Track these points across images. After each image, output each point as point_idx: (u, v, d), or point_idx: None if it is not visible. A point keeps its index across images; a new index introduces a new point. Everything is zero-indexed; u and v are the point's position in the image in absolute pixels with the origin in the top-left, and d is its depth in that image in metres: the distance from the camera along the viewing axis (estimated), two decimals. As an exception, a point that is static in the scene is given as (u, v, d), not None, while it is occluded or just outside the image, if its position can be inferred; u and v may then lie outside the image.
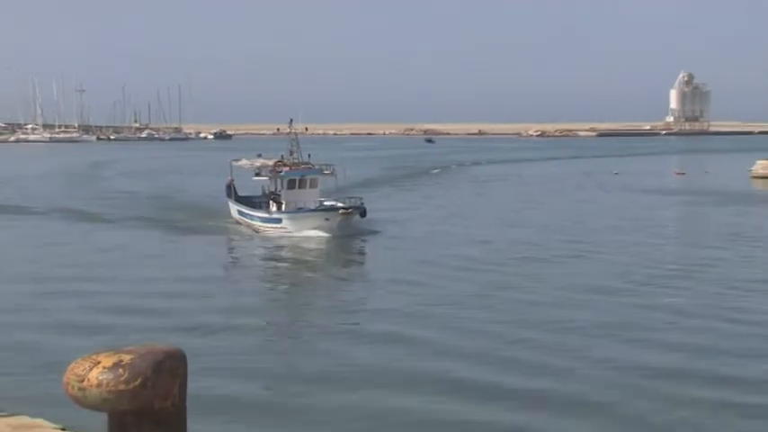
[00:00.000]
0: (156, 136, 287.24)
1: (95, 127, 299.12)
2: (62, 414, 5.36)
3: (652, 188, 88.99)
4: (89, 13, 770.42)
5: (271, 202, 47.28)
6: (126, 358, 5.04)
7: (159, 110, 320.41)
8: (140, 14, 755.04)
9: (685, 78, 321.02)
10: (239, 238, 46.48)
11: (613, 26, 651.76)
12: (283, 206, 45.74)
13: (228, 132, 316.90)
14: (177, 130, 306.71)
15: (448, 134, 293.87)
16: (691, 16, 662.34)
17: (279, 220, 44.90)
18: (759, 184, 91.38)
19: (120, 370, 4.97)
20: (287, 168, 47.84)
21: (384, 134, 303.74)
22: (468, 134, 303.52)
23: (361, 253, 41.59)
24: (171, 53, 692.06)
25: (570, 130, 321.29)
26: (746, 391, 23.33)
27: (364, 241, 43.15)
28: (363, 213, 43.31)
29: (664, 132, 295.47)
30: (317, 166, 49.40)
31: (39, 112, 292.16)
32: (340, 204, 44.04)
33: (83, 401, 4.81)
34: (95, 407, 4.84)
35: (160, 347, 5.58)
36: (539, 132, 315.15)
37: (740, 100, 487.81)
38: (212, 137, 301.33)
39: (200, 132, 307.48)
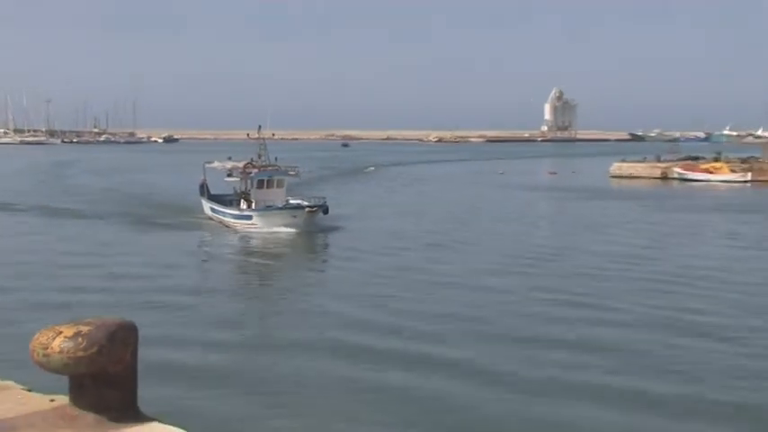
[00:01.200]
0: (113, 140, 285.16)
1: (60, 131, 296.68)
2: (28, 377, 5.28)
3: (530, 185, 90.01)
4: (56, 33, 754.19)
5: (241, 200, 45.90)
6: (84, 329, 5.04)
7: (116, 117, 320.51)
8: (101, 33, 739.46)
9: (557, 94, 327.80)
10: (212, 233, 44.81)
11: (497, 50, 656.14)
12: (253, 204, 44.66)
13: (175, 137, 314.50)
14: (131, 134, 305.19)
15: (361, 139, 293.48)
16: (561, 44, 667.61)
17: (250, 217, 43.81)
18: (615, 182, 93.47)
19: (80, 339, 4.98)
20: (256, 170, 46.62)
21: (308, 139, 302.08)
22: (379, 139, 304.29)
23: (325, 245, 40.68)
24: (127, 68, 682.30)
25: (463, 137, 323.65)
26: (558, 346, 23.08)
27: (326, 236, 42.24)
28: (326, 211, 42.73)
29: (539, 139, 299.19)
30: (282, 168, 48.26)
31: (10, 118, 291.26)
32: (306, 203, 43.20)
33: (47, 366, 4.83)
34: (58, 371, 4.89)
35: (113, 320, 5.55)
36: (437, 138, 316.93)
37: (600, 112, 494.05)
38: (161, 140, 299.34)
39: (150, 137, 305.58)
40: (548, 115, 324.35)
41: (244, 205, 45.03)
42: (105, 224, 49.29)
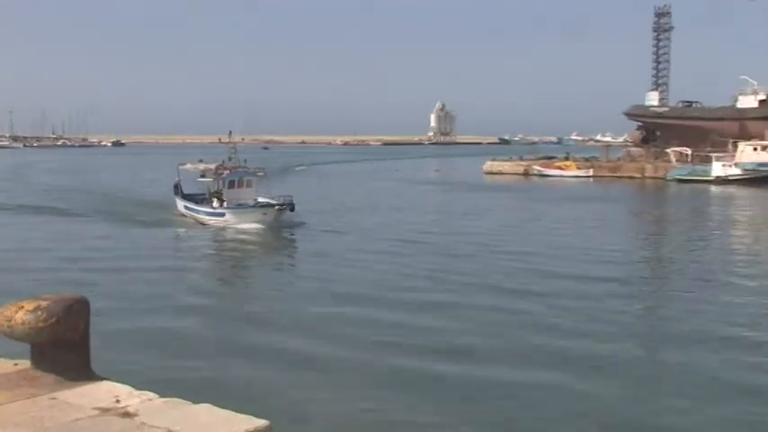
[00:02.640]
0: (69, 144, 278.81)
1: (22, 137, 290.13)
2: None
3: (419, 180, 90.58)
4: (18, 50, 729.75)
5: (213, 198, 43.34)
6: (43, 303, 5.03)
7: (71, 124, 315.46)
8: (58, 49, 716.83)
9: (440, 106, 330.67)
10: (188, 228, 42.65)
11: (393, 69, 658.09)
12: (225, 203, 42.36)
13: (123, 141, 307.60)
14: (84, 139, 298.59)
15: (280, 143, 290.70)
16: (445, 65, 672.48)
17: (223, 214, 41.59)
18: (487, 178, 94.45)
19: (40, 312, 4.97)
20: (228, 171, 44.41)
21: (233, 143, 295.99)
22: (295, 143, 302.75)
23: (292, 239, 39.09)
24: (81, 80, 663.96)
25: (364, 140, 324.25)
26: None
27: (293, 231, 40.48)
28: (292, 209, 40.61)
29: (427, 143, 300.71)
30: (251, 169, 46.18)
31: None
32: (275, 202, 41.17)
33: (11, 336, 4.82)
34: (21, 339, 4.94)
35: (70, 296, 5.45)
36: (344, 142, 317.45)
37: (475, 120, 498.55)
38: (110, 144, 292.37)
39: (101, 141, 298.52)
40: (433, 123, 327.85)
41: (216, 203, 42.75)
42: (79, 220, 46.80)
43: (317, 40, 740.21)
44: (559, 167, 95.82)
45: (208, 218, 42.55)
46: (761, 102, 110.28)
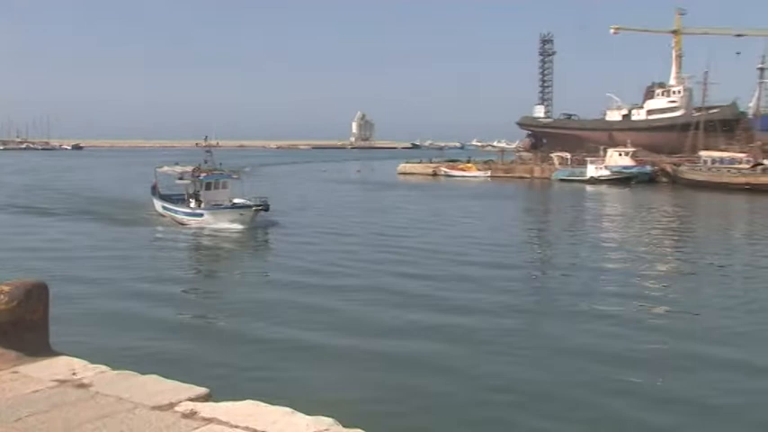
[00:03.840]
0: (32, 147, 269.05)
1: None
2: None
3: (343, 180, 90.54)
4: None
5: (191, 199, 40.63)
6: (5, 288, 4.86)
7: (34, 129, 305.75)
8: (21, 61, 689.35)
9: (360, 115, 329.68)
10: (168, 226, 39.69)
11: (320, 81, 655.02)
12: (202, 203, 39.74)
13: (81, 145, 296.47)
14: (46, 143, 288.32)
15: (221, 147, 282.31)
16: (364, 79, 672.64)
17: (202, 214, 38.87)
18: (401, 178, 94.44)
19: (2, 296, 4.76)
20: (204, 174, 41.36)
21: (181, 147, 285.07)
22: (234, 147, 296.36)
23: (266, 236, 36.78)
24: (43, 89, 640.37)
25: (295, 145, 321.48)
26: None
27: (268, 229, 38.23)
28: (267, 209, 38.07)
29: (349, 147, 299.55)
30: (226, 172, 43.12)
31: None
32: (251, 203, 38.41)
33: None
34: None
35: (30, 281, 5.26)
36: (278, 146, 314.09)
37: (391, 128, 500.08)
38: (70, 148, 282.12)
39: (62, 145, 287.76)
40: (355, 130, 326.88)
41: (193, 203, 40.25)
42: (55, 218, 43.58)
43: (266, 60, 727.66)
44: (462, 169, 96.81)
45: (187, 218, 39.86)
46: (624, 116, 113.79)
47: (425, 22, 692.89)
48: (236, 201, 39.20)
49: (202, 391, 5.39)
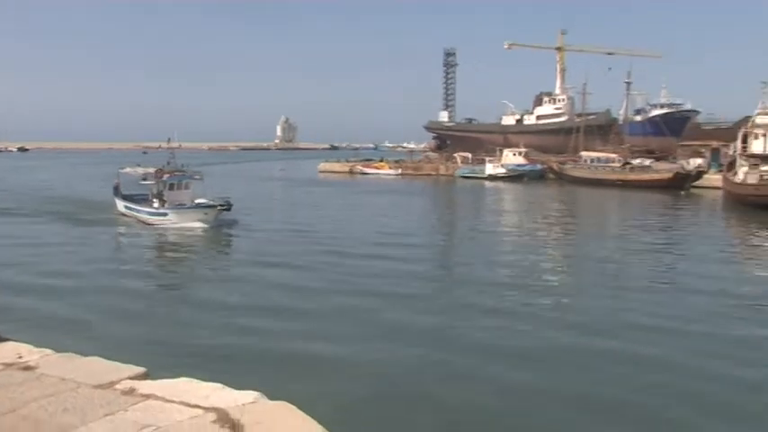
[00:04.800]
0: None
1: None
2: None
3: (269, 178, 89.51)
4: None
5: (154, 199, 37.80)
6: None
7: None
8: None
9: (284, 119, 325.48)
10: (131, 226, 36.78)
11: (250, 89, 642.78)
12: (166, 203, 37.02)
13: (27, 147, 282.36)
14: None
15: (157, 148, 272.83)
16: (289, 86, 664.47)
17: (166, 214, 36.28)
18: (321, 176, 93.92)
19: None
20: (168, 174, 38.67)
21: (119, 149, 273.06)
22: (169, 148, 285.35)
23: (229, 233, 34.37)
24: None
25: (225, 146, 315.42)
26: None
27: (230, 226, 35.85)
28: (229, 208, 35.61)
29: (274, 148, 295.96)
30: (189, 173, 40.05)
31: None
32: (214, 203, 35.72)
33: None
34: None
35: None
36: (209, 147, 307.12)
37: (312, 130, 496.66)
38: (16, 150, 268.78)
39: (7, 147, 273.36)
40: (279, 132, 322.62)
41: (156, 203, 37.51)
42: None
43: (206, 68, 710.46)
44: (376, 167, 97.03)
45: (151, 217, 37.15)
46: (517, 120, 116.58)
47: (343, 33, 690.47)
48: (198, 201, 36.85)
49: (141, 370, 5.37)
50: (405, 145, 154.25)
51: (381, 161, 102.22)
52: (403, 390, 12.19)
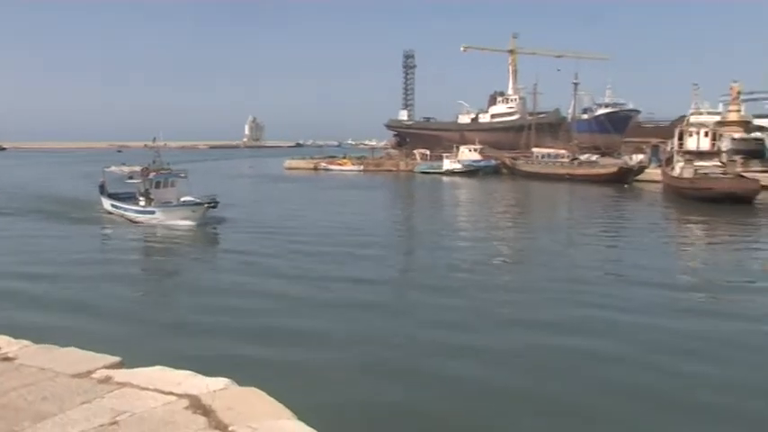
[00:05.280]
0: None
1: None
2: None
3: (239, 175, 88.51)
4: None
5: (140, 197, 36.21)
6: None
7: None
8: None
9: (252, 119, 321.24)
10: (119, 224, 35.05)
11: (219, 92, 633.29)
12: (153, 202, 35.44)
13: (4, 146, 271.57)
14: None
15: (129, 147, 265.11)
16: (255, 87, 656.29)
17: (153, 212, 34.77)
18: (287, 172, 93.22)
19: None
20: (154, 173, 36.95)
21: (94, 148, 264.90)
22: (141, 147, 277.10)
23: (215, 230, 32.83)
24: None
25: (195, 145, 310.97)
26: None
27: (217, 224, 34.20)
28: (215, 205, 34.09)
29: (242, 146, 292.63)
30: (174, 171, 38.34)
31: None
32: (200, 201, 34.09)
33: None
34: None
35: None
36: (180, 146, 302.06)
37: (278, 129, 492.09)
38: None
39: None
40: (247, 131, 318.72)
41: (142, 202, 35.91)
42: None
43: (172, 69, 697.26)
44: (339, 164, 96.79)
45: (138, 215, 35.52)
46: (472, 119, 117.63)
47: (308, 36, 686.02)
48: (184, 198, 35.34)
49: (116, 359, 5.38)
50: (367, 142, 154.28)
51: (344, 158, 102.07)
52: (361, 371, 12.31)
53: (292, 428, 4.84)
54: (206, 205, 33.74)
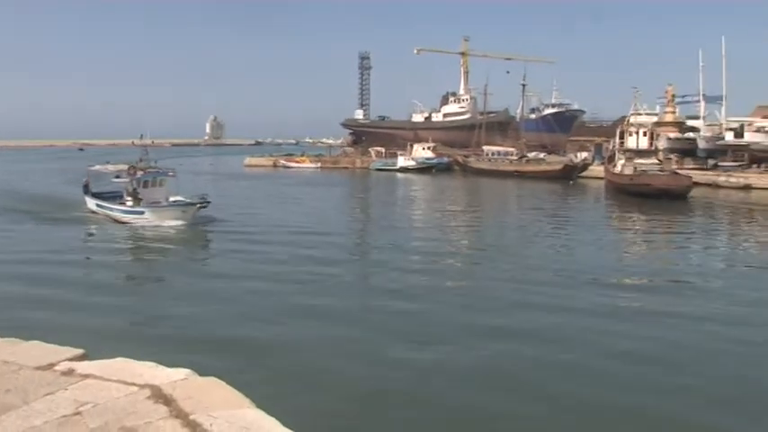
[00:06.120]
0: None
1: None
2: None
3: (201, 172, 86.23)
4: None
5: (128, 197, 33.59)
6: None
7: None
8: None
9: (213, 118, 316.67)
10: (101, 225, 32.36)
11: (182, 92, 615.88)
12: (142, 201, 32.93)
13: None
14: None
15: (93, 145, 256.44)
16: (216, 88, 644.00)
17: (142, 212, 32.26)
18: (247, 170, 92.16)
19: None
20: (142, 172, 34.41)
21: (56, 146, 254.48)
22: (107, 146, 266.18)
23: (205, 230, 30.73)
24: None
25: (160, 143, 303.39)
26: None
27: (207, 223, 32.00)
28: (206, 205, 32.18)
29: (203, 144, 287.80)
30: (162, 170, 36.02)
31: None
32: (192, 200, 32.25)
33: None
34: None
35: None
36: (143, 144, 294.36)
37: (238, 127, 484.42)
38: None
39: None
40: (208, 130, 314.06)
41: (129, 201, 33.36)
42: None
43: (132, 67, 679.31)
44: (297, 161, 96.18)
45: (125, 216, 32.84)
46: (425, 118, 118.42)
47: (272, 39, 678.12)
48: (174, 198, 33.36)
49: (79, 351, 5.36)
50: (324, 140, 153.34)
51: (302, 155, 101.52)
52: (314, 363, 12.41)
53: (252, 416, 4.92)
54: (197, 205, 31.88)
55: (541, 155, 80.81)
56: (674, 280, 20.59)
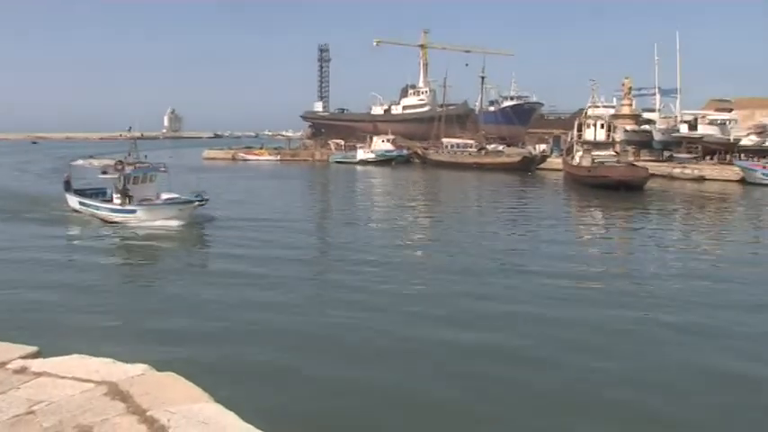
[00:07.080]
0: None
1: None
2: None
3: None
4: None
5: (116, 194, 30.52)
6: None
7: None
8: None
9: (171, 110, 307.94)
10: (86, 225, 29.76)
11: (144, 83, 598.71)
12: (133, 199, 30.12)
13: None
14: None
15: (47, 138, 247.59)
16: (174, 81, 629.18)
17: (133, 211, 29.48)
18: (206, 163, 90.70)
19: None
20: (131, 167, 31.39)
21: (8, 139, 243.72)
22: (61, 139, 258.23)
23: (203, 228, 28.65)
24: None
25: (115, 136, 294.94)
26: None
27: (204, 222, 29.85)
28: (204, 203, 29.28)
29: (162, 137, 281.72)
30: (153, 165, 32.89)
31: None
32: (190, 198, 29.36)
33: None
34: None
35: None
36: (100, 137, 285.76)
37: (197, 120, 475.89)
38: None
39: None
40: (166, 123, 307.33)
41: (118, 200, 30.35)
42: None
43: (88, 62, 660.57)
44: (257, 154, 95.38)
45: (114, 215, 30.19)
46: (385, 110, 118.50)
47: (230, 31, 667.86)
48: (167, 195, 30.84)
49: (32, 349, 5.27)
50: (283, 133, 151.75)
51: (261, 148, 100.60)
52: (271, 357, 12.40)
53: (210, 411, 4.91)
54: (195, 203, 29.19)
55: (500, 147, 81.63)
56: (625, 269, 21.08)
